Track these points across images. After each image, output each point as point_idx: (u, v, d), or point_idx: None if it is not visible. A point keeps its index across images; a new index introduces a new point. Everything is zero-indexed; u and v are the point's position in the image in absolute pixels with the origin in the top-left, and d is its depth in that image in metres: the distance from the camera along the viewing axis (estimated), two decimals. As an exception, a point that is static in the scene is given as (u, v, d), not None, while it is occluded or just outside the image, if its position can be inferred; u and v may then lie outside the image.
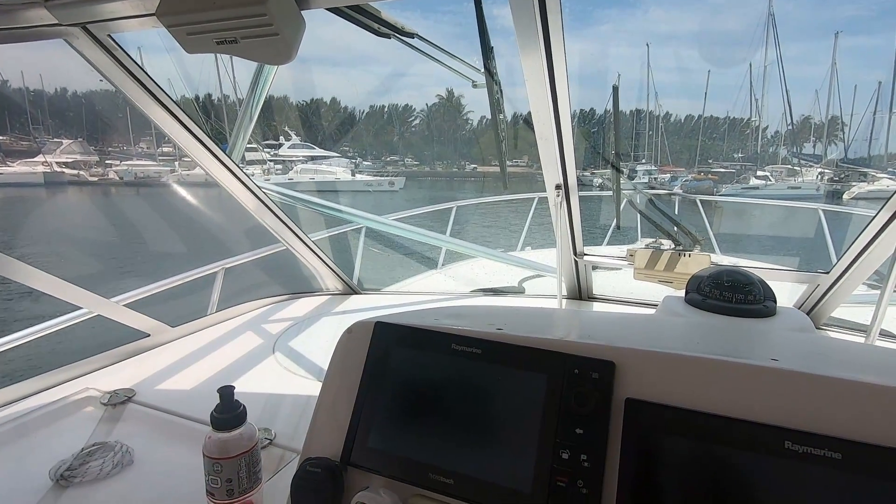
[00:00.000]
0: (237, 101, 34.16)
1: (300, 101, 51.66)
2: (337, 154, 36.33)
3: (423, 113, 57.32)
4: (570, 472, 0.65)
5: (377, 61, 29.12)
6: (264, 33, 1.05)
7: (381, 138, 56.28)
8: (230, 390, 0.86)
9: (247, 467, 0.84)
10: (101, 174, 27.05)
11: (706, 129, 45.11)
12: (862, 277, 1.87)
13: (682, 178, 31.73)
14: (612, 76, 59.09)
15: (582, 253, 2.29)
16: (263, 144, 33.42)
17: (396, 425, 0.78)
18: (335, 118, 54.83)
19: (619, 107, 30.49)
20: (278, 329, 2.21)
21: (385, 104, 60.74)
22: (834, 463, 0.55)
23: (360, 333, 0.86)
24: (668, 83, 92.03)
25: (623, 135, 42.67)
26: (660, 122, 41.00)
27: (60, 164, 26.01)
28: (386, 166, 45.47)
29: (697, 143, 43.25)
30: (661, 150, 39.67)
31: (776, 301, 1.12)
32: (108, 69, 1.41)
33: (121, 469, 1.24)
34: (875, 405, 0.56)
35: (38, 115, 31.73)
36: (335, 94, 72.27)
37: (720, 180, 30.72)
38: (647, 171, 34.95)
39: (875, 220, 1.68)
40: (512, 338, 0.76)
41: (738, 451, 0.59)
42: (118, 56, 1.39)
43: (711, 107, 62.27)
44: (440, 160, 52.49)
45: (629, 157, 40.29)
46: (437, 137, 55.06)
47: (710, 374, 0.64)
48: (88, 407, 1.56)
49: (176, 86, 2.40)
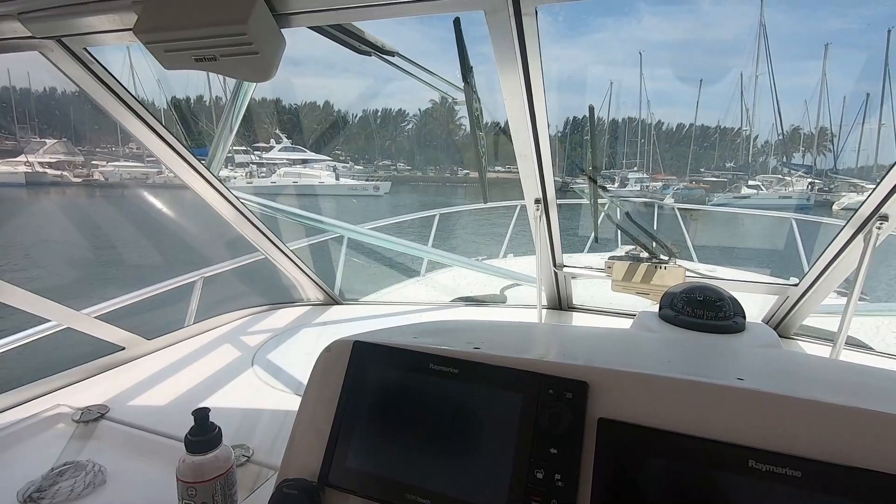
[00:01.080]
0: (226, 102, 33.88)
1: (292, 104, 51.28)
2: (328, 158, 36.05)
3: (416, 118, 57.40)
4: (544, 491, 0.66)
5: (372, 64, 30.26)
6: (244, 52, 1.05)
7: (373, 142, 56.09)
8: (205, 412, 0.85)
9: (222, 490, 0.83)
10: (85, 175, 26.43)
11: (698, 138, 45.50)
12: (829, 289, 1.93)
13: (673, 186, 32.15)
14: (607, 83, 59.53)
15: (561, 265, 2.32)
16: (253, 147, 33.13)
17: (374, 445, 0.78)
18: (328, 122, 54.57)
19: (611, 116, 30.60)
20: (257, 341, 2.19)
21: (378, 108, 60.58)
22: (794, 481, 0.57)
23: (339, 352, 0.86)
24: (660, 91, 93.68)
25: (615, 143, 42.81)
26: (652, 130, 41.40)
27: (44, 165, 25.34)
28: (378, 170, 45.31)
29: (689, 151, 43.60)
30: (654, 159, 39.99)
31: (745, 317, 1.16)
32: (85, 82, 1.39)
33: (93, 489, 1.21)
34: (833, 424, 0.59)
35: (25, 115, 30.86)
36: (328, 98, 71.71)
37: (711, 189, 31.03)
38: (639, 178, 35.22)
39: (841, 233, 1.74)
40: (489, 357, 0.77)
41: (706, 470, 0.61)
42: (95, 70, 1.37)
43: (703, 115, 63.04)
44: (432, 165, 52.44)
45: (613, 166, 40.44)
46: (429, 142, 55.05)
47: (679, 393, 0.66)
48: (59, 424, 1.52)
49: (165, 88, 2.34)
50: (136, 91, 8.24)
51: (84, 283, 8.61)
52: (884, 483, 0.54)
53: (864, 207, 1.62)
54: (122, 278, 8.89)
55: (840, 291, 2.47)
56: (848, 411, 0.59)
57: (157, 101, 32.40)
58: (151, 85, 31.33)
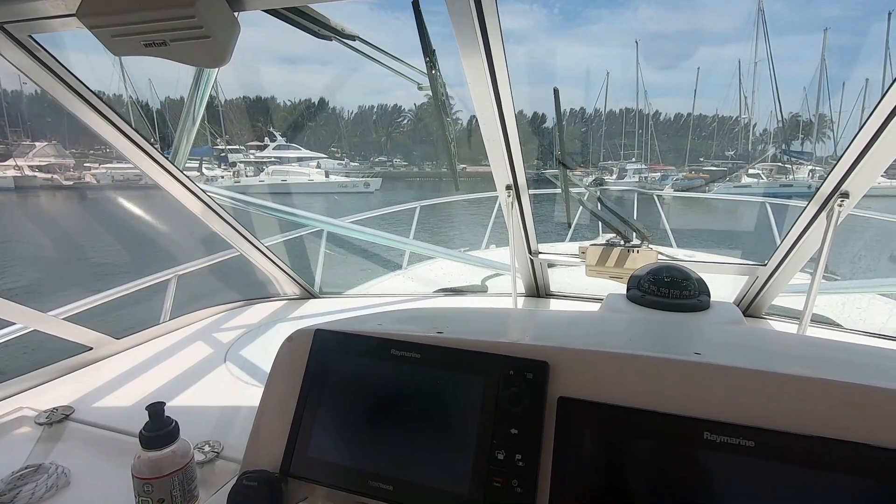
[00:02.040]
0: (219, 100, 33.11)
1: (286, 101, 50.50)
2: (324, 155, 35.65)
3: (412, 112, 56.99)
4: (505, 472, 0.66)
5: (368, 60, 29.35)
6: (194, 35, 1.02)
7: (369, 139, 55.59)
8: (160, 407, 0.83)
9: (181, 485, 0.81)
10: (76, 177, 25.82)
11: (696, 128, 45.13)
12: (796, 268, 1.97)
13: (672, 176, 31.77)
14: (602, 75, 59.45)
15: (537, 251, 2.33)
16: (247, 146, 32.53)
17: (336, 434, 0.77)
18: (323, 119, 54.01)
19: (608, 108, 30.12)
20: (231, 337, 2.15)
21: (374, 104, 60.10)
22: (748, 451, 0.57)
23: (301, 342, 0.85)
24: (657, 82, 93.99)
25: (612, 133, 42.47)
26: (649, 120, 41.23)
27: (33, 168, 24.68)
28: (374, 167, 44.98)
29: (687, 141, 43.20)
30: (652, 149, 39.67)
31: (710, 295, 1.17)
32: (31, 71, 1.34)
33: (55, 492, 1.18)
34: (785, 394, 0.59)
35: (18, 118, 29.86)
36: (324, 95, 70.85)
37: (711, 178, 30.47)
38: (638, 169, 34.85)
39: (805, 212, 1.77)
40: (450, 341, 0.76)
41: (663, 443, 0.61)
42: (41, 57, 1.31)
43: (701, 105, 62.97)
44: (429, 160, 52.07)
45: (611, 157, 39.75)
46: (426, 137, 54.69)
47: (637, 370, 0.66)
48: (22, 427, 1.47)
49: (157, 87, 2.26)
50: (126, 91, 7.87)
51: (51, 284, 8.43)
52: (834, 449, 0.55)
53: (825, 186, 1.65)
54: (106, 277, 8.69)
55: (809, 272, 2.53)
56: (799, 381, 0.60)
57: (150, 102, 31.32)
58: (143, 84, 30.36)
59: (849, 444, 0.55)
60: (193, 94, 1.78)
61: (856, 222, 4.56)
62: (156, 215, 4.16)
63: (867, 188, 1.62)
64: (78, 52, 1.79)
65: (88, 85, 1.44)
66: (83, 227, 15.77)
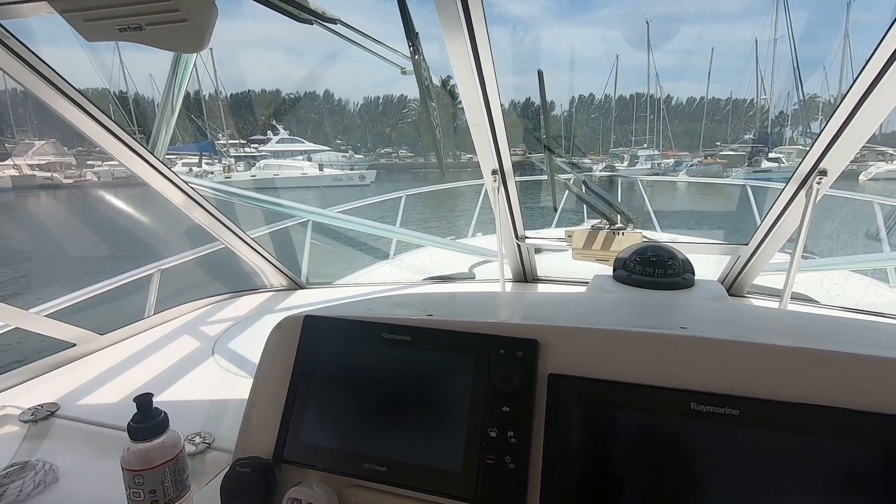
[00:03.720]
0: (217, 94, 32.24)
1: (289, 94, 49.53)
2: (328, 147, 34.93)
3: (417, 102, 56.09)
4: (498, 449, 0.67)
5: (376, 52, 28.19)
6: (171, 19, 0.99)
7: (374, 130, 54.70)
8: (148, 398, 0.82)
9: (172, 476, 0.80)
10: (76, 176, 24.96)
11: (709, 112, 43.12)
12: (776, 247, 2.01)
13: (686, 162, 30.46)
14: (612, 59, 57.99)
15: (523, 236, 2.34)
16: (249, 140, 31.74)
17: (329, 418, 0.77)
18: (327, 111, 53.08)
19: (618, 93, 28.22)
20: (218, 330, 2.13)
21: (380, 95, 59.09)
22: (733, 419, 0.59)
23: (290, 328, 0.84)
24: (669, 65, 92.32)
25: (623, 119, 41.14)
26: (661, 104, 39.44)
27: (33, 167, 23.87)
28: (379, 158, 44.35)
29: (701, 125, 41.60)
30: (664, 135, 37.99)
31: (694, 273, 1.19)
32: (4, 61, 1.29)
33: (44, 488, 1.17)
34: (768, 364, 0.61)
35: (25, 116, 28.82)
36: (328, 87, 69.54)
37: (729, 164, 28.53)
38: (650, 156, 33.49)
39: (784, 191, 1.80)
40: (440, 323, 0.76)
41: (651, 415, 0.63)
42: (10, 45, 1.27)
43: (714, 88, 60.71)
44: (435, 151, 51.27)
45: (622, 144, 38.32)
46: (435, 127, 53.02)
47: (624, 345, 0.67)
48: (6, 426, 1.45)
49: (158, 82, 2.18)
50: (128, 88, 7.65)
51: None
52: (815, 414, 0.57)
53: (804, 164, 1.68)
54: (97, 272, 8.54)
55: (788, 252, 2.59)
56: (781, 350, 0.61)
57: (156, 98, 30.35)
58: (144, 80, 29.19)
59: (829, 409, 0.56)
60: (171, 82, 1.74)
61: (833, 203, 4.65)
62: (152, 212, 4.08)
63: (844, 166, 1.65)
64: (52, 43, 1.73)
65: (62, 75, 1.39)
66: (83, 224, 15.40)
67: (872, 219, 3.66)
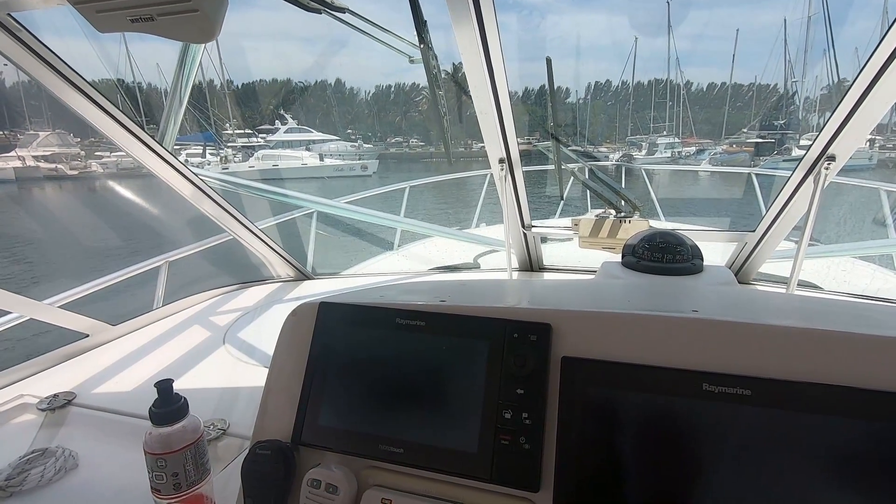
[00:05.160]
0: (226, 84, 31.72)
1: (299, 83, 48.89)
2: (336, 137, 34.37)
3: (427, 90, 55.16)
4: (513, 430, 0.68)
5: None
6: (182, 10, 0.99)
7: (385, 119, 53.96)
8: (168, 384, 0.84)
9: (193, 459, 0.82)
10: (82, 167, 24.57)
11: (732, 98, 40.60)
12: (783, 233, 2.01)
13: (709, 150, 28.42)
14: (629, 46, 55.55)
15: (530, 225, 2.34)
16: (257, 130, 31.29)
17: (346, 401, 0.79)
18: (337, 100, 52.48)
19: (636, 79, 24.86)
20: (228, 320, 2.16)
21: (392, 83, 58.03)
22: (744, 399, 0.60)
23: (305, 315, 0.85)
24: (686, 49, 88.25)
25: (641, 106, 39.10)
26: (682, 89, 37.03)
27: (38, 158, 23.61)
28: (389, 148, 43.73)
29: (724, 111, 38.71)
30: (684, 122, 35.79)
31: (703, 259, 1.19)
32: (12, 51, 1.30)
33: (64, 474, 1.19)
34: (779, 345, 0.62)
35: (40, 109, 28.57)
36: (340, 75, 68.57)
37: (756, 152, 26.22)
38: (670, 144, 31.65)
39: (792, 177, 1.80)
40: (454, 308, 0.77)
41: (663, 396, 0.64)
42: (22, 37, 1.27)
43: (737, 73, 56.85)
44: (455, 139, 50.25)
45: (639, 132, 36.34)
46: (443, 116, 52.08)
47: (637, 328, 0.68)
48: (25, 415, 1.48)
49: (166, 72, 2.13)
50: (135, 78, 7.53)
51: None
52: (825, 393, 0.58)
53: (812, 149, 1.68)
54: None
55: (795, 240, 2.58)
56: (791, 331, 0.62)
57: (163, 88, 29.79)
58: (151, 70, 28.65)
59: (839, 389, 0.57)
60: (179, 74, 1.74)
61: (840, 188, 4.61)
62: (158, 202, 4.07)
63: (853, 151, 1.65)
64: (55, 34, 1.73)
65: (72, 66, 1.40)
66: (89, 216, 15.36)
67: (879, 206, 3.65)
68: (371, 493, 0.73)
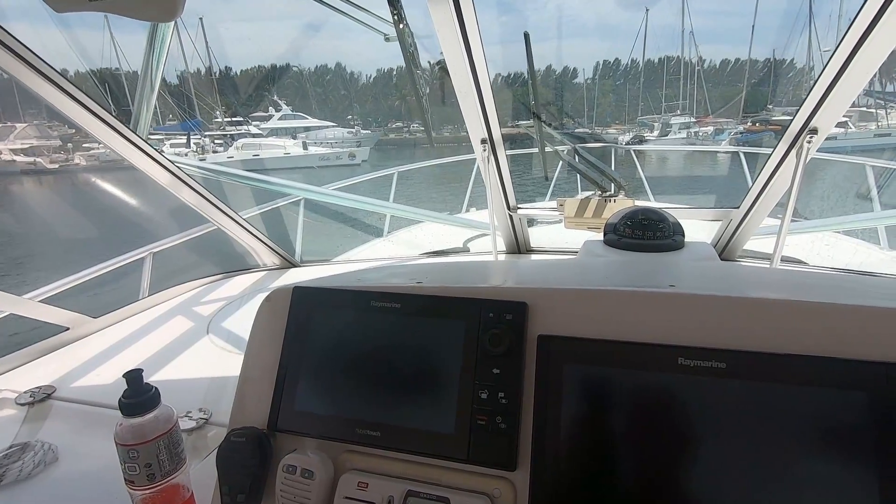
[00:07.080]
0: (210, 71, 30.56)
1: (297, 67, 47.75)
2: (334, 123, 33.26)
3: (427, 72, 54.01)
4: (489, 410, 0.68)
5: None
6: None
7: (385, 103, 52.78)
8: (138, 373, 0.82)
9: (167, 450, 0.81)
10: (62, 160, 23.50)
11: (750, 74, 37.85)
12: (766, 210, 2.01)
13: (728, 130, 26.84)
14: (638, 23, 53.01)
15: (515, 207, 2.32)
16: (251, 118, 30.36)
17: (322, 386, 0.78)
18: (338, 85, 51.40)
19: (646, 56, 23.04)
20: (212, 310, 2.13)
21: (394, 67, 56.19)
22: (719, 372, 0.59)
23: (279, 301, 0.84)
24: (699, 26, 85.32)
25: (652, 84, 37.05)
26: (698, 65, 35.02)
27: (16, 152, 22.70)
28: (388, 133, 42.68)
29: (743, 88, 35.77)
30: (699, 100, 33.87)
31: (685, 235, 1.19)
32: None
33: (44, 467, 1.18)
34: (755, 317, 0.61)
35: (34, 100, 27.54)
36: (340, 60, 66.55)
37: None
38: (684, 124, 29.86)
39: (775, 152, 1.79)
40: (429, 289, 0.76)
41: (639, 372, 0.63)
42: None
43: (756, 50, 54.19)
44: (450, 124, 49.69)
45: (651, 112, 34.52)
46: (445, 99, 50.68)
47: (613, 304, 0.67)
48: (4, 410, 1.46)
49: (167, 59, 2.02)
50: (103, 65, 7.30)
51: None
52: (802, 364, 0.57)
53: (794, 123, 1.67)
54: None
55: (779, 217, 2.59)
56: (765, 303, 0.62)
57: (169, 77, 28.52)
58: (122, 57, 27.58)
59: (813, 359, 0.57)
60: (149, 57, 1.69)
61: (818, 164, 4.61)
62: (143, 195, 3.99)
63: (834, 123, 1.64)
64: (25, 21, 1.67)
65: (37, 53, 1.34)
66: (71, 213, 15.04)
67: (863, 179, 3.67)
68: (348, 476, 0.72)
